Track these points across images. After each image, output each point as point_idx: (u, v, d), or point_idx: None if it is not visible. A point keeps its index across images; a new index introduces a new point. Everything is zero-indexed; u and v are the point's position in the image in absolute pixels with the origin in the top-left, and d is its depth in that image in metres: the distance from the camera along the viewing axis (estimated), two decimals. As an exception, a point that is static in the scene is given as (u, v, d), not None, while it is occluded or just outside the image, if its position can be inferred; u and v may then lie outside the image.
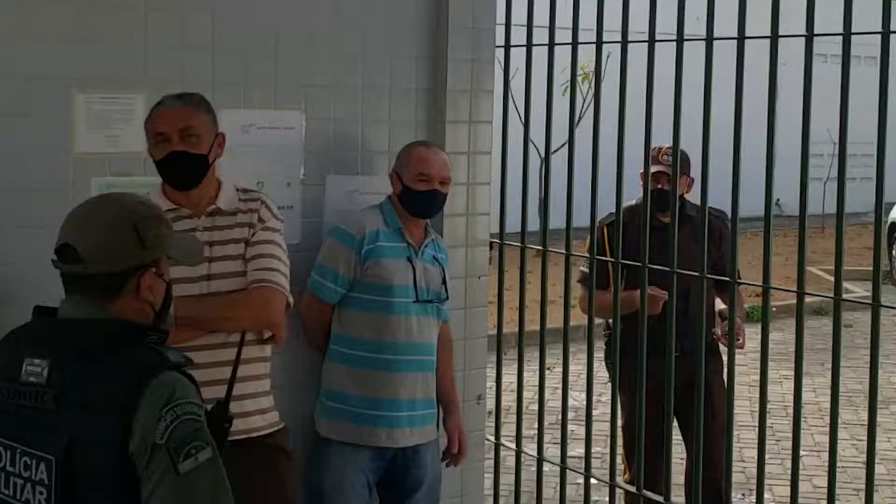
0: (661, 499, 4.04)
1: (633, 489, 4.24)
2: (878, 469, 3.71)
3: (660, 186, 4.59)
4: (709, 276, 3.88)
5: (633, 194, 4.51)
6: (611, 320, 4.60)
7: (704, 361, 3.92)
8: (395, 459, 3.86)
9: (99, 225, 2.33)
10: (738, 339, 4.47)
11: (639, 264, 4.01)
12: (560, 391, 4.36)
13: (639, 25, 3.99)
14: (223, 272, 3.37)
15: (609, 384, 4.34)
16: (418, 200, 3.87)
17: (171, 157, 3.34)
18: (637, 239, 4.08)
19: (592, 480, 4.29)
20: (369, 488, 3.84)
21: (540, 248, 4.38)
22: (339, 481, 3.78)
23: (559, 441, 4.39)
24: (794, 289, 3.63)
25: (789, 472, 3.78)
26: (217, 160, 3.43)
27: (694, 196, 4.44)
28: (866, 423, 3.56)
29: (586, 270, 4.54)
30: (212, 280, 3.35)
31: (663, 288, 4.01)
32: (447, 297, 3.96)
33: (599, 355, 4.69)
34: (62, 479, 2.20)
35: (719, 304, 4.80)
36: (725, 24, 3.80)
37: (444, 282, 3.93)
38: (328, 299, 3.83)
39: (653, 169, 4.44)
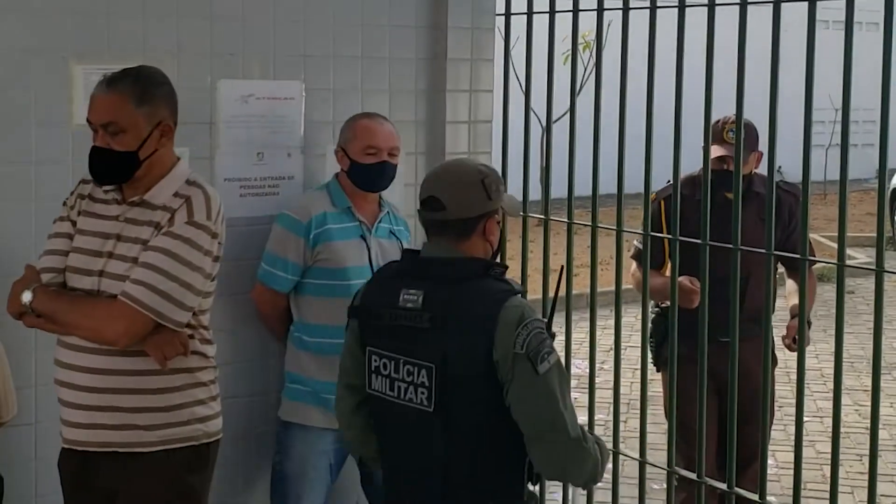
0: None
1: (636, 457, 4.23)
2: (881, 434, 3.72)
3: (725, 167, 4.36)
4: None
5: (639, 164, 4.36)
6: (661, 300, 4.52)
7: (755, 353, 3.77)
8: None
9: (456, 181, 2.88)
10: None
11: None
12: (563, 359, 4.36)
13: (640, -8, 3.97)
14: (114, 272, 3.06)
15: (611, 352, 4.32)
16: (368, 174, 3.76)
17: (92, 151, 3.07)
18: (697, 215, 3.88)
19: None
20: (332, 471, 3.80)
21: (541, 217, 4.37)
22: (303, 465, 3.74)
23: (562, 409, 4.39)
24: (797, 255, 3.63)
25: (792, 437, 3.78)
26: (161, 150, 3.09)
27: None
28: (869, 388, 3.56)
29: (640, 246, 4.34)
30: (104, 277, 3.07)
31: (725, 270, 3.74)
32: None
33: (602, 323, 4.67)
34: (440, 382, 2.75)
35: (790, 293, 4.56)
36: (727, -11, 3.78)
37: None
38: (280, 288, 3.75)
39: (716, 153, 4.30)
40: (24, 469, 3.62)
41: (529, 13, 4.36)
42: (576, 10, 4.20)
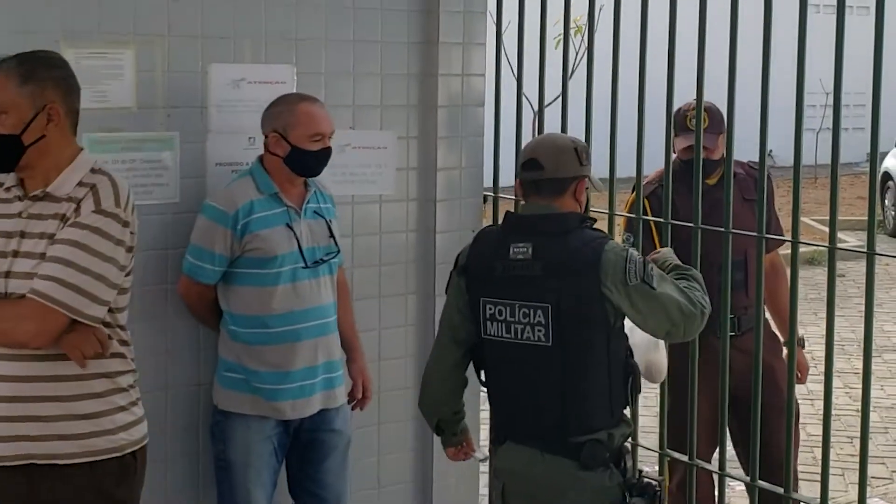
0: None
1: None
2: (872, 417, 3.72)
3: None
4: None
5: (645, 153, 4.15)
6: None
7: (762, 342, 3.73)
8: (302, 425, 3.75)
9: (552, 146, 3.34)
10: (799, 376, 4.34)
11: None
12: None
13: (632, -25, 3.96)
14: (21, 271, 2.89)
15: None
16: (313, 160, 3.67)
17: None
18: (681, 204, 3.84)
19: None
20: (277, 455, 3.75)
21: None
22: (246, 454, 3.68)
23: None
24: (789, 238, 3.65)
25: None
26: (50, 136, 2.93)
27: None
28: (860, 371, 3.58)
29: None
30: (10, 279, 2.90)
31: (716, 256, 3.73)
32: (338, 250, 3.79)
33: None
34: (555, 319, 3.17)
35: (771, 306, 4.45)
36: (719, -27, 3.78)
37: (331, 234, 3.76)
38: (207, 281, 3.65)
39: (683, 143, 4.20)
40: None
41: (521, -3, 4.35)
42: (568, -6, 4.19)
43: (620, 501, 3.24)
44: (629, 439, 3.39)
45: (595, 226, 3.35)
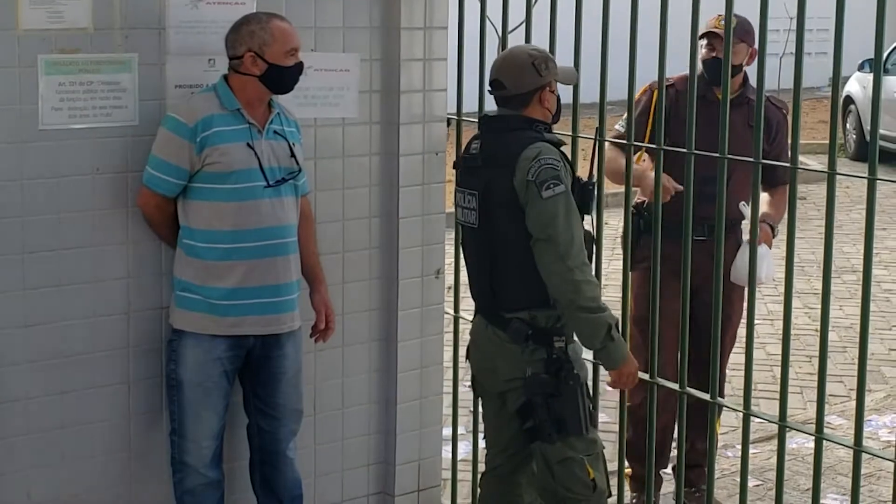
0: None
1: (589, 359, 4.28)
2: (830, 336, 3.78)
3: (714, 55, 4.24)
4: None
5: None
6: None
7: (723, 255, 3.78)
8: (254, 349, 3.75)
9: (511, 65, 3.69)
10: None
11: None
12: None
13: None
14: None
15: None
16: (290, 76, 3.70)
17: None
18: (685, 113, 3.83)
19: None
20: (227, 377, 3.75)
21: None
22: (195, 373, 3.69)
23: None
24: (751, 159, 3.67)
25: (743, 339, 3.84)
26: None
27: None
28: (819, 291, 3.61)
29: (621, 129, 4.32)
30: None
31: (706, 170, 3.78)
32: (300, 169, 3.79)
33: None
34: (482, 204, 3.66)
35: (763, 206, 4.41)
36: None
37: (292, 154, 3.75)
38: (166, 192, 3.64)
39: (705, 33, 4.09)
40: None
41: (485, -83, 4.30)
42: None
43: (541, 374, 3.62)
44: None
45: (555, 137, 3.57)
